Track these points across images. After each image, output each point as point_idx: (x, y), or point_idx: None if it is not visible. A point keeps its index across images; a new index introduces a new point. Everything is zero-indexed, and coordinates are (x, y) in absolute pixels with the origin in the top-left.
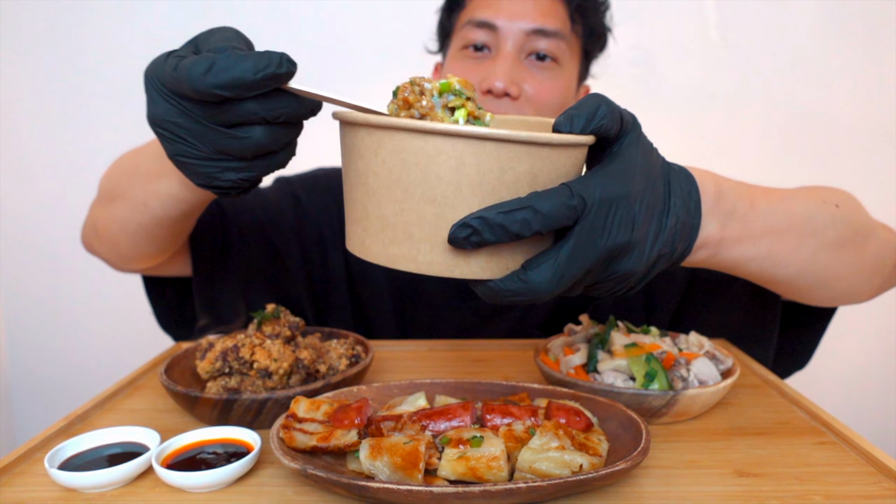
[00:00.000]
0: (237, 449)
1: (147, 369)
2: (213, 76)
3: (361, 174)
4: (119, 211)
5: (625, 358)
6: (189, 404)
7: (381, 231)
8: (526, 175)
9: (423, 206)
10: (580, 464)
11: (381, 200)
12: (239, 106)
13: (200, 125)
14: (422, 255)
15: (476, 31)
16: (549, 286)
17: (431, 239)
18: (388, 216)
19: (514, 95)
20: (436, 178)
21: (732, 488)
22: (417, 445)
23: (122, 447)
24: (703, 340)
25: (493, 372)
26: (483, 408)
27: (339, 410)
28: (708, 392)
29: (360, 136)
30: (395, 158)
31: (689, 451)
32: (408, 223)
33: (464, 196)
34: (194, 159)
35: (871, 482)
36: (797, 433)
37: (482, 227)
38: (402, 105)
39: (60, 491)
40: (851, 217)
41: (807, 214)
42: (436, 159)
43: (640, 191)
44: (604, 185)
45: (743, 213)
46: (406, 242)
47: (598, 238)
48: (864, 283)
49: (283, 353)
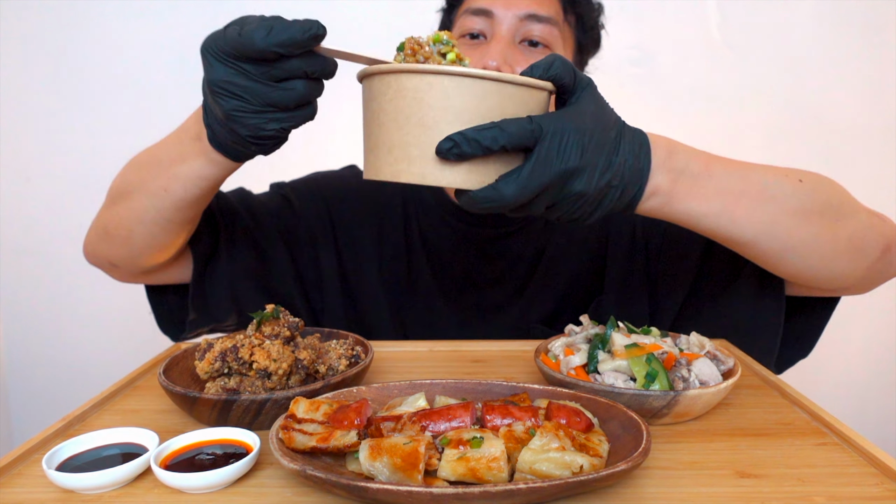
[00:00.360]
0: (236, 450)
1: (146, 370)
2: (273, 36)
3: (375, 113)
4: (136, 203)
5: (625, 358)
6: (188, 405)
7: (389, 153)
8: (496, 107)
9: (418, 129)
10: (581, 465)
11: (389, 130)
12: (287, 63)
13: (254, 82)
14: (416, 168)
15: (473, 19)
16: (515, 196)
17: (425, 155)
18: (394, 141)
19: None
20: (427, 106)
21: (734, 489)
22: (417, 446)
23: (120, 448)
24: (704, 341)
25: (493, 372)
26: (483, 408)
27: (338, 411)
28: (709, 393)
29: (374, 83)
30: (398, 95)
31: (690, 451)
32: (407, 144)
33: (448, 121)
34: (246, 113)
35: (873, 483)
36: (799, 434)
37: (461, 140)
38: (408, 54)
39: (58, 492)
40: (817, 192)
41: (764, 182)
42: (428, 92)
43: (590, 129)
44: (558, 118)
45: (696, 172)
46: (405, 159)
47: (554, 160)
48: (843, 262)
49: (283, 354)
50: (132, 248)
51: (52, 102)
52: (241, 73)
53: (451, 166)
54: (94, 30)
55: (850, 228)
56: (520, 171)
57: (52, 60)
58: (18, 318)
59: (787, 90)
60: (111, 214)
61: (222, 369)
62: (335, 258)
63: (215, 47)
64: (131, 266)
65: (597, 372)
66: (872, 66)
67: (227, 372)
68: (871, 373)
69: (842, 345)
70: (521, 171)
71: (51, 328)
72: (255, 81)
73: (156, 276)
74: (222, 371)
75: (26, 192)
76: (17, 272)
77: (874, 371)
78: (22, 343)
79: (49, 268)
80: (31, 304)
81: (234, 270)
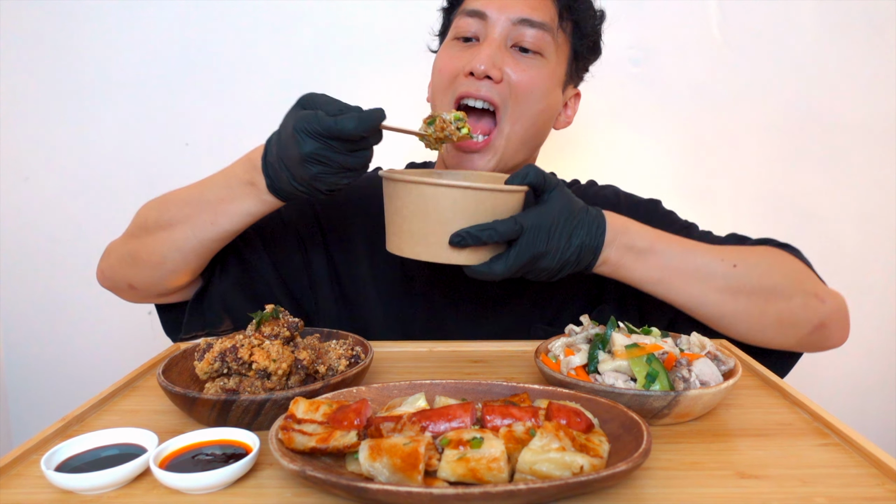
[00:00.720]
0: (236, 450)
1: (145, 370)
2: (360, 126)
3: (399, 207)
4: (177, 233)
5: (626, 359)
6: (187, 405)
7: (411, 238)
8: (491, 208)
9: (435, 224)
10: (581, 465)
11: (411, 222)
12: (363, 140)
13: (338, 154)
14: (433, 250)
15: (467, 21)
16: (502, 272)
17: (439, 242)
18: (415, 230)
19: (495, 79)
20: (442, 208)
21: (734, 490)
22: (417, 447)
23: (119, 449)
24: (705, 341)
25: (493, 372)
26: (483, 409)
27: (338, 411)
28: (709, 393)
29: (399, 186)
30: (420, 198)
31: (691, 452)
32: (426, 234)
33: (457, 219)
34: (328, 174)
35: (874, 484)
36: (799, 434)
37: (467, 235)
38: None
39: (57, 493)
40: (750, 276)
41: (699, 264)
42: (441, 199)
43: (555, 223)
44: (534, 217)
45: (642, 248)
46: (424, 244)
47: (530, 248)
48: (771, 333)
49: (282, 354)
50: (161, 273)
51: (50, 102)
52: (328, 148)
53: (458, 250)
54: (94, 29)
55: (780, 308)
56: (507, 255)
57: (50, 60)
58: (17, 319)
59: (787, 90)
60: (143, 243)
61: (221, 369)
62: (325, 260)
63: (309, 128)
64: (151, 289)
65: (597, 372)
66: (873, 66)
67: (227, 372)
68: (871, 373)
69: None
70: (508, 255)
71: (49, 328)
72: (338, 153)
73: (169, 298)
74: (221, 371)
75: (25, 192)
76: (15, 272)
77: (875, 371)
78: (21, 343)
79: (48, 268)
80: (30, 304)
81: (223, 286)
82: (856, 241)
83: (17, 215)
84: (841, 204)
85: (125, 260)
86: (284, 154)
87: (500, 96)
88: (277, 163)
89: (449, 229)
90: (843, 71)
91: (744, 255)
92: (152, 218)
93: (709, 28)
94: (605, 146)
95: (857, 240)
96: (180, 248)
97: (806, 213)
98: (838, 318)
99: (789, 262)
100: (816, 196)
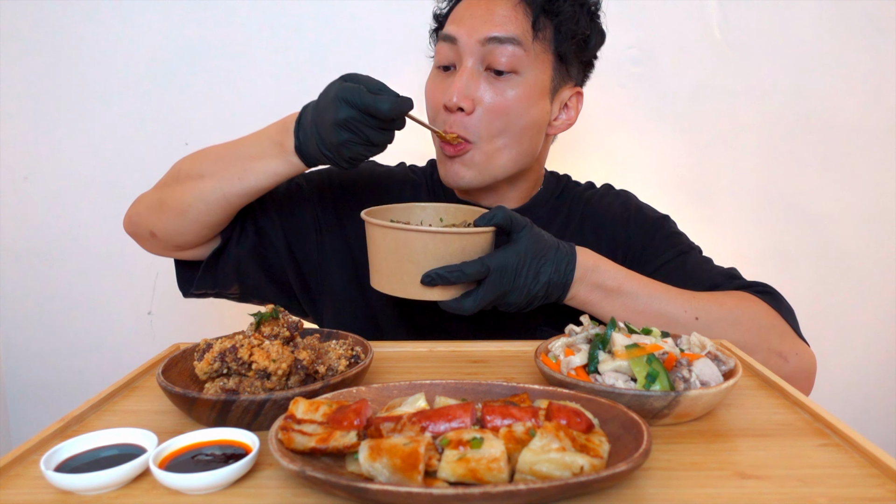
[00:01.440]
0: (235, 450)
1: (144, 370)
2: (394, 109)
3: (379, 247)
4: (206, 184)
5: (626, 359)
6: (187, 405)
7: (390, 276)
8: (459, 249)
9: (408, 264)
10: (581, 465)
11: (389, 261)
12: (392, 123)
13: (369, 128)
14: (408, 288)
15: (443, 47)
16: (471, 308)
17: (413, 281)
18: (392, 269)
19: (467, 110)
20: (414, 250)
21: (735, 490)
22: (417, 447)
23: (118, 449)
24: (705, 341)
25: (493, 372)
26: (483, 409)
27: (338, 412)
28: (710, 393)
29: (376, 230)
30: (395, 242)
31: (691, 452)
32: (402, 272)
33: (429, 259)
34: (355, 144)
35: (874, 484)
36: (800, 435)
37: (437, 277)
38: None
39: (56, 493)
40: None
41: (662, 311)
42: (415, 242)
43: (522, 262)
44: (499, 258)
45: (610, 287)
46: (400, 282)
47: (496, 286)
48: None
49: (282, 354)
50: (183, 223)
51: (50, 102)
52: (362, 121)
53: (430, 288)
54: (94, 29)
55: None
56: (476, 293)
57: (50, 60)
58: (17, 319)
59: (787, 90)
60: (172, 191)
61: (221, 370)
62: (341, 241)
63: (350, 98)
64: (171, 239)
65: (597, 372)
66: (873, 66)
67: (227, 372)
68: (872, 373)
69: (843, 345)
70: (477, 293)
71: (50, 329)
72: (369, 128)
73: (187, 253)
74: (221, 371)
75: (24, 192)
76: (15, 272)
77: (875, 371)
78: (21, 343)
79: (47, 268)
80: (30, 304)
81: (239, 251)
82: (856, 240)
83: (17, 215)
84: (841, 204)
85: (153, 206)
86: (319, 118)
87: (470, 129)
88: (311, 127)
89: (421, 269)
90: (843, 71)
91: (711, 307)
92: (185, 169)
93: (709, 28)
94: (605, 146)
95: (857, 239)
96: (205, 199)
97: (806, 213)
98: (800, 377)
99: (762, 315)
100: (816, 196)
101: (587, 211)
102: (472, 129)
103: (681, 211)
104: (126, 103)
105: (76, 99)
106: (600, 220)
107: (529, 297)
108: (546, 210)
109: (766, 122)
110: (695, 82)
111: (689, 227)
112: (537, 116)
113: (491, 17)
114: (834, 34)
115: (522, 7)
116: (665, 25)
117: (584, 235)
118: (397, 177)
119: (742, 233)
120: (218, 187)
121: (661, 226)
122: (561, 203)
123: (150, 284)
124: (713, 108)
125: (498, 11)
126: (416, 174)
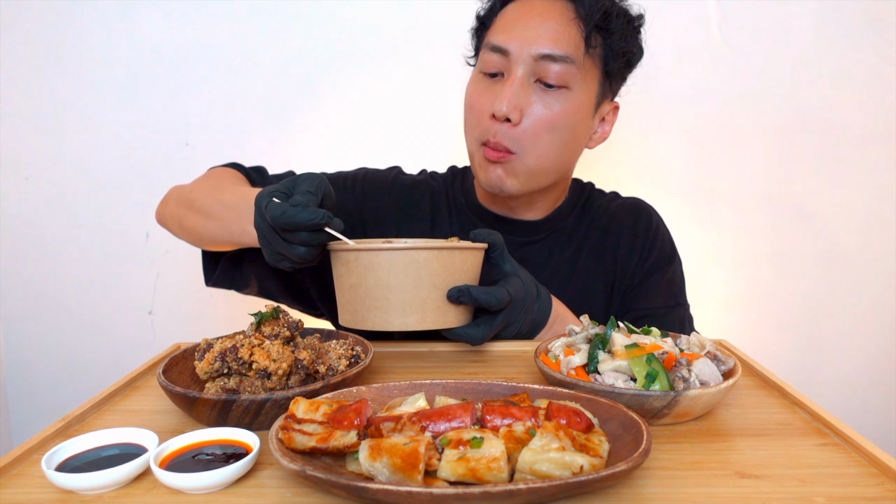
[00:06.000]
0: (236, 450)
1: (145, 370)
2: (284, 219)
3: (384, 272)
4: (213, 226)
5: (626, 358)
6: (187, 405)
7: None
8: (460, 262)
9: (431, 289)
10: (581, 465)
11: (404, 286)
12: (295, 233)
13: (274, 235)
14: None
15: (491, 57)
16: (482, 337)
17: (438, 304)
18: (407, 298)
19: (514, 121)
20: (433, 271)
21: (734, 490)
22: (417, 446)
23: (119, 448)
24: (705, 341)
25: (493, 372)
26: (483, 408)
27: (338, 411)
28: (709, 393)
29: (382, 256)
30: (406, 263)
31: (691, 452)
32: (424, 300)
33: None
34: (268, 251)
35: (873, 484)
36: (799, 434)
37: (466, 290)
38: None
39: (57, 493)
40: None
41: None
42: (433, 262)
43: (525, 297)
44: (515, 290)
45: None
46: (420, 312)
47: (507, 317)
48: None
49: (283, 354)
50: (200, 242)
51: (50, 102)
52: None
53: (414, 312)
54: (94, 29)
55: None
56: (492, 322)
57: (51, 59)
58: (17, 319)
59: (787, 90)
60: (186, 215)
61: (222, 369)
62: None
63: (259, 205)
64: (195, 244)
65: (597, 372)
66: (873, 67)
67: (227, 372)
68: (871, 373)
69: (842, 345)
70: (493, 322)
71: (49, 328)
72: (274, 235)
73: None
74: (222, 371)
75: (25, 192)
76: (15, 272)
77: (875, 371)
78: (21, 343)
79: (48, 268)
80: (30, 304)
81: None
82: (856, 241)
83: (17, 215)
84: (841, 204)
85: (175, 220)
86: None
87: (515, 141)
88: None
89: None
90: (843, 71)
91: None
92: (199, 201)
93: (709, 28)
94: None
95: (857, 240)
96: (214, 239)
97: (806, 214)
98: None
99: None
100: (816, 196)
101: (611, 227)
102: (518, 141)
103: (680, 210)
104: (127, 104)
105: (77, 99)
106: (619, 240)
107: (517, 332)
108: (570, 221)
109: (765, 123)
110: (694, 83)
111: (689, 228)
112: (581, 131)
113: (545, 30)
114: (834, 34)
115: (577, 22)
116: (665, 26)
117: (604, 252)
118: (419, 185)
119: (742, 233)
120: (225, 232)
121: (665, 265)
122: (584, 214)
123: (150, 284)
124: (712, 108)
125: (552, 25)
126: (437, 181)
